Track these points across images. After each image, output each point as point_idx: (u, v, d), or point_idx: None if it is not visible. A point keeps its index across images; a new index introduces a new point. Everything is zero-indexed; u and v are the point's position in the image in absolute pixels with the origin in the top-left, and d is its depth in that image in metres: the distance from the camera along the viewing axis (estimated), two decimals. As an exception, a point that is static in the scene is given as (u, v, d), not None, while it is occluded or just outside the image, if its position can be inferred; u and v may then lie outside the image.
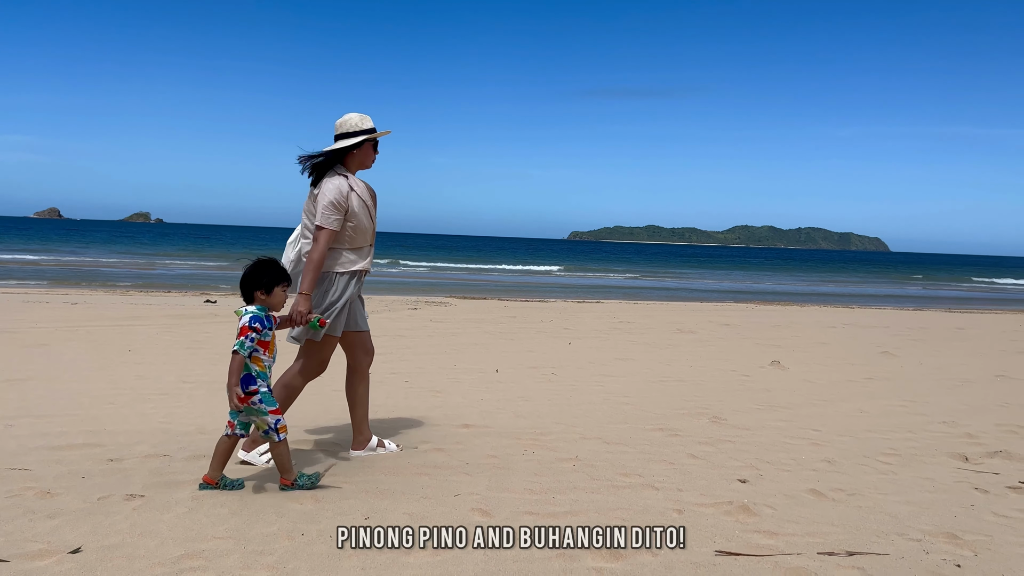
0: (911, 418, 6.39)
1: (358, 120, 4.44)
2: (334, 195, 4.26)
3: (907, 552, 3.37)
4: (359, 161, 4.50)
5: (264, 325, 3.90)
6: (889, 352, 10.77)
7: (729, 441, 5.35)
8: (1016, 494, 4.36)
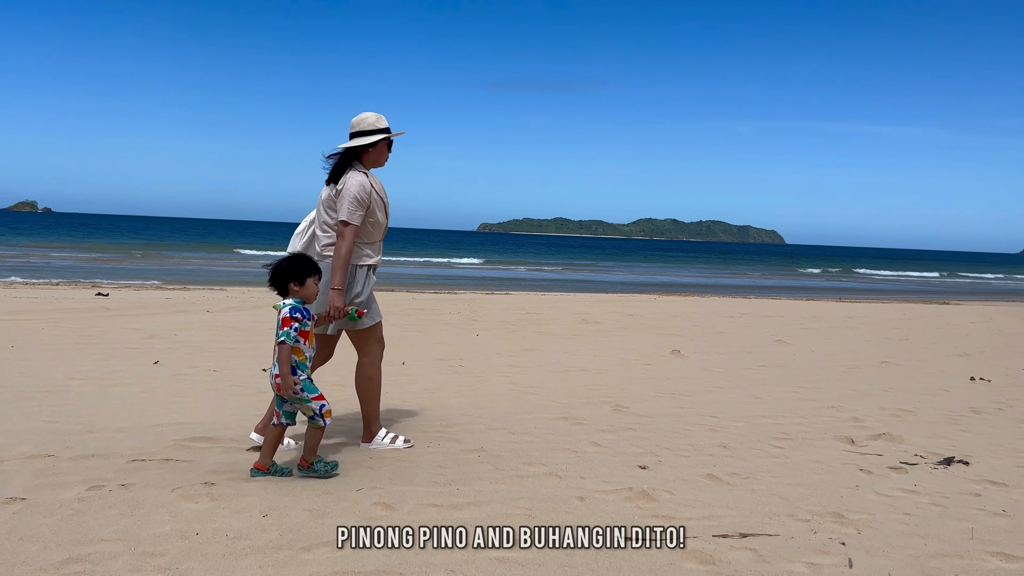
0: (802, 403, 6.67)
1: (374, 119, 4.57)
2: (358, 191, 4.39)
3: (796, 532, 3.52)
4: (373, 159, 4.63)
5: (304, 315, 4.01)
6: (783, 340, 11.22)
7: (631, 429, 5.46)
8: (897, 474, 4.60)
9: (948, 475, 4.61)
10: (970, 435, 5.70)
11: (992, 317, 17.58)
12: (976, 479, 4.53)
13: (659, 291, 25.09)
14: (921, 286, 39.70)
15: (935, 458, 4.97)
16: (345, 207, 4.37)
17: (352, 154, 4.57)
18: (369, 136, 4.55)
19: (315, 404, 4.02)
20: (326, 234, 4.53)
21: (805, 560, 3.18)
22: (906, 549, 3.36)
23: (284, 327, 3.91)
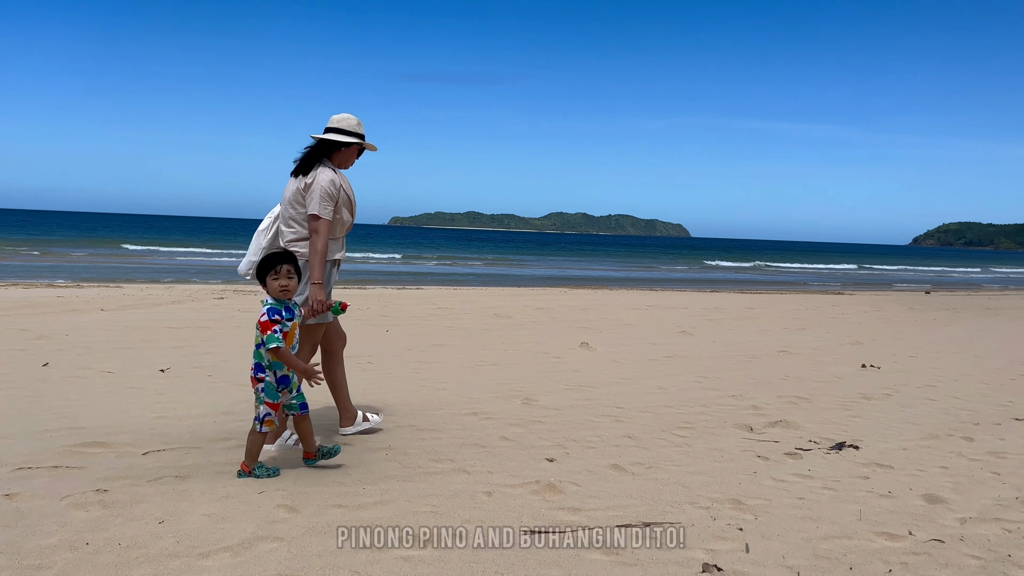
0: (704, 393, 6.87)
1: (356, 123, 4.71)
2: (327, 186, 4.48)
3: (697, 519, 3.62)
4: (341, 160, 4.72)
5: (284, 316, 3.99)
6: (687, 331, 11.51)
7: (539, 422, 5.51)
8: (792, 460, 4.79)
9: (839, 459, 4.82)
10: (860, 420, 5.98)
11: (882, 307, 18.49)
12: (865, 462, 4.75)
13: (570, 284, 25.39)
14: (818, 277, 41.40)
15: (828, 443, 5.19)
16: (316, 201, 4.44)
17: (325, 149, 4.64)
18: (346, 136, 4.64)
19: (263, 409, 4.02)
20: (291, 229, 4.58)
21: (704, 546, 3.28)
22: (800, 532, 3.50)
23: (266, 331, 3.90)
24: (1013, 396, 7.20)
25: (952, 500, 4.04)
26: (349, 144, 4.65)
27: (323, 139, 4.61)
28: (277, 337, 3.90)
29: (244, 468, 4.04)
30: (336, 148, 4.66)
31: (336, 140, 4.62)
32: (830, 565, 3.11)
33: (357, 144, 4.70)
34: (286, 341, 3.97)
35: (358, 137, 4.68)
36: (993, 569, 3.13)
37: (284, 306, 4.03)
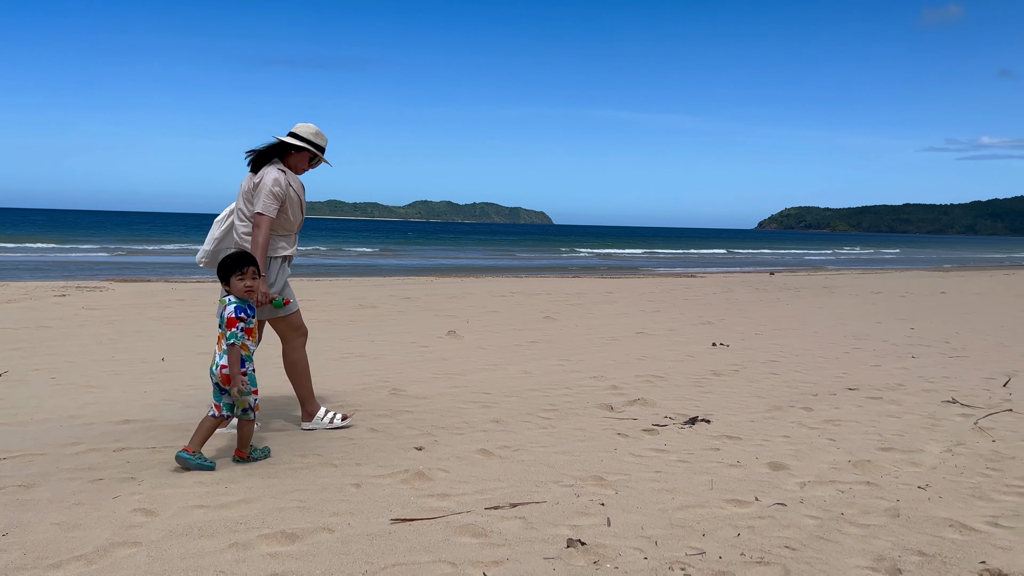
0: (568, 375, 7.08)
1: (315, 133, 4.90)
2: (273, 185, 4.63)
3: (561, 498, 3.75)
4: (293, 164, 4.87)
5: (248, 314, 4.17)
6: (551, 317, 11.79)
7: (408, 411, 5.52)
8: (650, 436, 5.03)
9: (693, 433, 5.10)
10: (712, 396, 6.33)
11: (731, 288, 19.54)
12: (716, 435, 5.05)
13: (436, 273, 25.38)
14: (673, 261, 43.23)
15: (682, 419, 5.48)
16: (261, 200, 4.62)
17: (278, 150, 4.82)
18: (300, 141, 4.83)
19: (251, 398, 4.18)
20: (243, 223, 4.76)
21: (569, 523, 3.40)
22: (657, 504, 3.69)
23: (230, 328, 4.07)
24: (847, 368, 7.81)
25: (793, 466, 4.37)
26: (300, 149, 4.83)
27: (279, 141, 4.82)
28: (238, 335, 4.08)
29: (240, 455, 4.24)
30: (289, 151, 4.84)
31: (288, 142, 4.81)
32: (685, 533, 3.31)
33: (308, 151, 4.86)
34: (250, 338, 4.19)
35: (313, 146, 4.87)
36: (828, 527, 3.41)
37: (247, 304, 4.20)
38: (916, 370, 7.69)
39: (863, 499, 3.81)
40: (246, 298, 4.20)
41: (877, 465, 4.38)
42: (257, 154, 4.79)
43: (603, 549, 3.09)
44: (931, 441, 4.97)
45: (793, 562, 3.00)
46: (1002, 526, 3.45)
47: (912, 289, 20.11)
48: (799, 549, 3.14)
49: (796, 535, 3.29)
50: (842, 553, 3.11)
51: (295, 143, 4.81)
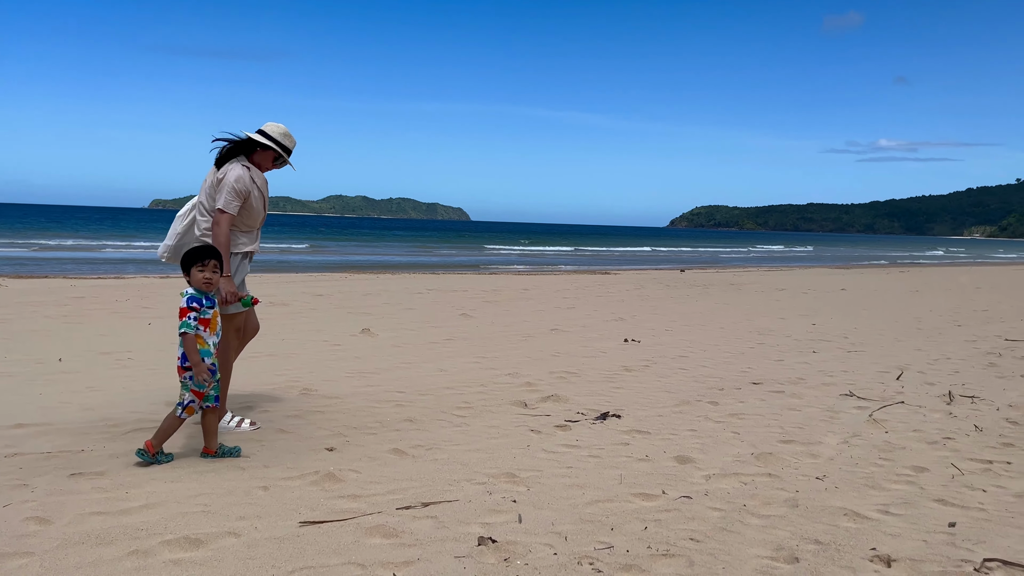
0: (483, 372, 7.09)
1: (284, 133, 4.91)
2: (236, 182, 4.65)
3: (474, 496, 3.76)
4: (258, 161, 4.89)
5: (202, 304, 4.16)
6: (467, 314, 11.79)
7: (319, 412, 5.44)
8: (562, 432, 5.09)
9: (604, 428, 5.19)
10: (623, 391, 6.45)
11: (643, 285, 19.94)
12: (626, 430, 5.15)
13: (350, 269, 25.03)
14: (588, 259, 43.81)
15: (593, 414, 5.57)
16: (223, 196, 4.63)
17: (244, 147, 4.84)
18: (267, 140, 4.85)
19: (188, 396, 4.15)
20: (204, 218, 4.79)
21: (481, 521, 3.41)
22: (567, 499, 3.74)
23: (183, 317, 4.10)
24: (752, 363, 8.08)
25: (699, 459, 4.49)
26: (266, 147, 4.85)
27: (251, 141, 4.84)
28: (190, 324, 4.10)
29: (149, 446, 4.12)
30: (255, 148, 4.86)
31: (255, 140, 4.83)
32: (594, 528, 3.36)
33: (273, 151, 4.88)
34: (209, 328, 4.19)
35: (280, 147, 4.89)
36: (731, 518, 3.52)
37: (205, 295, 4.22)
38: (816, 364, 8.01)
39: (764, 490, 3.95)
40: (204, 290, 4.22)
41: (778, 457, 4.55)
42: (223, 150, 4.80)
43: (514, 546, 3.11)
44: (829, 433, 5.19)
45: (697, 554, 3.09)
46: (892, 513, 3.63)
47: (814, 286, 20.92)
48: (703, 541, 3.23)
49: (700, 527, 3.39)
50: (743, 544, 3.22)
51: (263, 141, 4.83)
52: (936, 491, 3.98)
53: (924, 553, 3.13)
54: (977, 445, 4.92)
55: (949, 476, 4.26)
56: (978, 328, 11.54)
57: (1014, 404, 6.13)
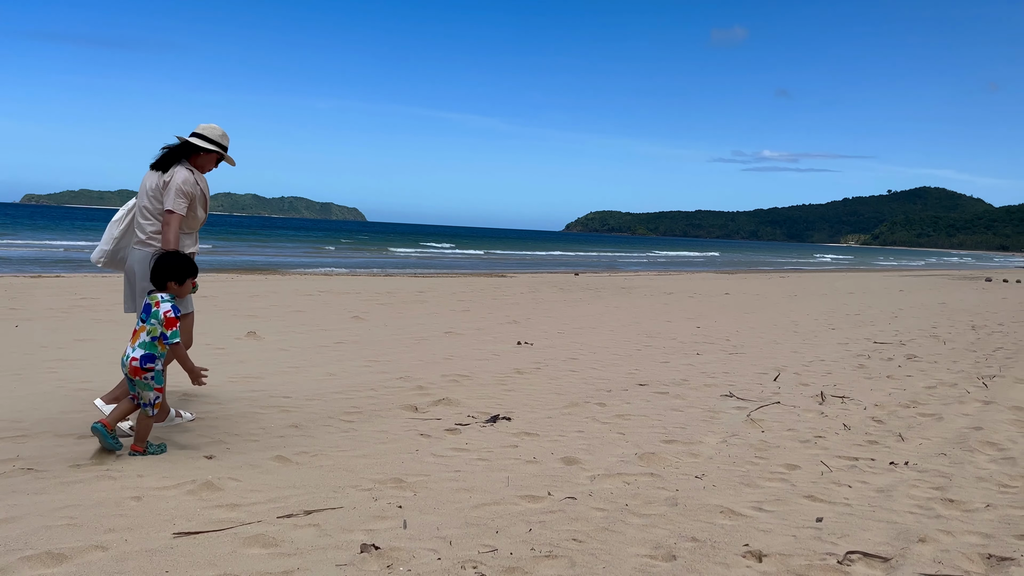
0: (373, 376, 7.00)
1: (221, 135, 5.05)
2: (184, 184, 4.81)
3: (359, 502, 3.70)
4: (200, 164, 5.03)
5: (178, 313, 4.36)
6: (359, 316, 11.62)
7: (198, 418, 5.24)
8: (452, 435, 5.08)
9: (494, 431, 5.20)
10: (514, 393, 6.49)
11: (537, 288, 20.16)
12: (516, 432, 5.19)
13: (238, 270, 24.26)
14: (485, 262, 43.96)
15: (484, 417, 5.58)
16: (172, 198, 4.77)
17: (186, 150, 4.97)
18: (208, 143, 4.98)
19: (153, 394, 4.32)
20: (148, 221, 4.90)
21: (365, 528, 3.36)
22: (454, 503, 3.73)
23: (170, 328, 4.28)
24: (639, 365, 8.28)
25: (585, 460, 4.57)
26: (209, 151, 4.99)
27: (186, 141, 4.95)
28: (178, 334, 4.32)
29: (136, 448, 4.30)
30: (196, 152, 4.98)
31: (198, 144, 4.95)
32: (479, 531, 3.37)
33: (217, 153, 5.04)
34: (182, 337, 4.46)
35: (220, 147, 5.04)
36: (613, 518, 3.60)
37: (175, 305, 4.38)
38: (700, 366, 8.28)
39: (646, 490, 4.05)
40: (182, 298, 4.52)
41: (661, 457, 4.68)
42: (166, 154, 4.95)
43: (397, 552, 3.08)
44: (709, 433, 5.37)
45: (579, 554, 3.14)
46: (765, 510, 3.79)
47: (700, 290, 21.65)
48: (585, 541, 3.28)
49: (584, 527, 3.45)
50: (624, 543, 3.29)
51: (205, 145, 4.97)
52: (806, 488, 4.18)
53: (793, 548, 3.28)
54: (845, 443, 5.20)
55: (819, 473, 4.48)
56: (850, 331, 12.20)
57: (879, 404, 6.51)
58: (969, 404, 6.54)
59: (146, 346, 4.27)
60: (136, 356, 4.26)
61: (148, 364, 4.27)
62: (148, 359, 4.27)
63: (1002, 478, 4.45)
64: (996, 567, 3.15)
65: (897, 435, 5.42)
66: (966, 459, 4.83)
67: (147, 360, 4.27)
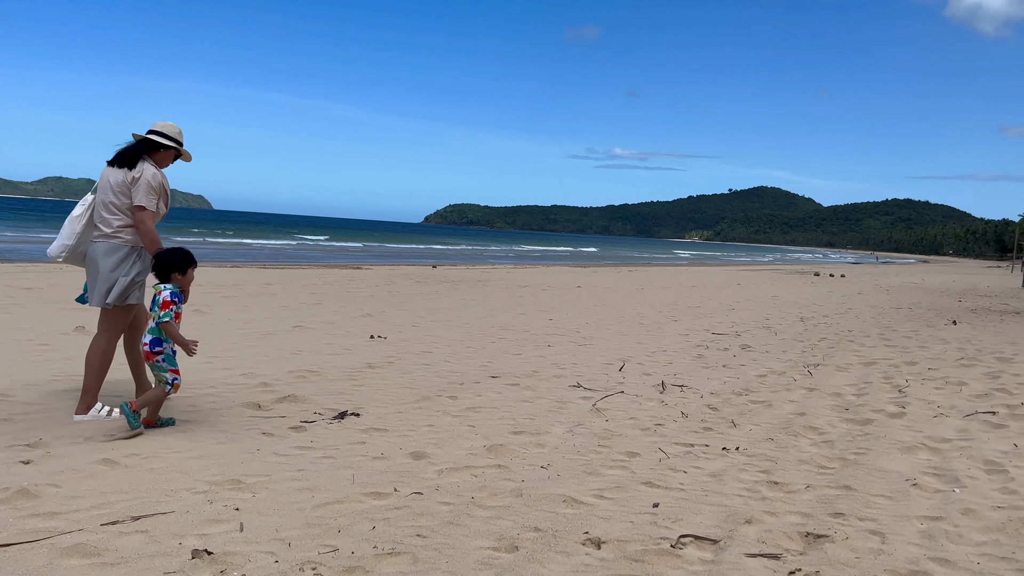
0: (215, 373, 6.70)
1: (178, 132, 5.25)
2: (152, 180, 5.00)
3: (192, 506, 3.52)
4: (159, 160, 5.18)
5: (179, 300, 4.83)
6: (200, 310, 11.09)
7: (11, 420, 4.85)
8: (297, 433, 4.93)
9: (341, 428, 5.10)
10: (365, 388, 6.39)
11: (393, 280, 19.96)
12: (364, 428, 5.10)
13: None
14: (339, 253, 43.08)
15: (332, 413, 5.46)
16: (143, 194, 4.96)
17: (147, 147, 5.13)
18: (168, 140, 5.16)
19: (169, 375, 4.79)
20: (115, 216, 5.01)
21: (198, 532, 3.20)
22: (296, 504, 3.62)
23: (165, 308, 4.71)
24: (492, 357, 8.36)
25: (434, 454, 4.55)
26: (168, 147, 5.17)
27: (147, 139, 5.11)
28: (170, 314, 4.72)
29: (149, 422, 4.80)
30: (156, 148, 5.15)
31: (159, 142, 5.13)
32: (320, 531, 3.28)
33: (175, 149, 5.22)
34: (177, 320, 4.80)
35: (177, 144, 5.21)
36: (459, 511, 3.60)
37: (178, 294, 4.84)
38: (551, 358, 8.46)
39: (493, 482, 4.08)
40: (184, 287, 4.93)
41: (508, 448, 4.74)
42: (130, 151, 5.06)
43: (232, 557, 2.95)
44: (557, 423, 5.49)
45: (422, 550, 3.12)
46: (606, 498, 3.90)
47: (554, 283, 22.13)
48: (429, 536, 3.27)
49: (429, 522, 3.43)
50: (469, 536, 3.30)
51: (165, 143, 5.14)
52: (645, 474, 4.34)
53: (630, 534, 3.40)
54: (682, 430, 5.44)
55: (657, 460, 4.66)
56: (691, 323, 12.82)
57: (715, 392, 6.87)
58: (795, 391, 7.01)
59: (153, 332, 4.76)
60: (146, 342, 4.76)
61: (156, 348, 4.74)
62: (156, 343, 4.74)
63: (821, 460, 4.79)
64: (813, 544, 3.38)
65: (730, 422, 5.73)
66: (790, 443, 5.17)
67: (155, 344, 4.74)
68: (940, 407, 6.35)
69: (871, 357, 9.21)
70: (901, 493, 4.13)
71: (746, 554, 3.22)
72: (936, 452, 5.00)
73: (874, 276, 40.58)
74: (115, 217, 4.99)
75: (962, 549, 3.36)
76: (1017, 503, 3.97)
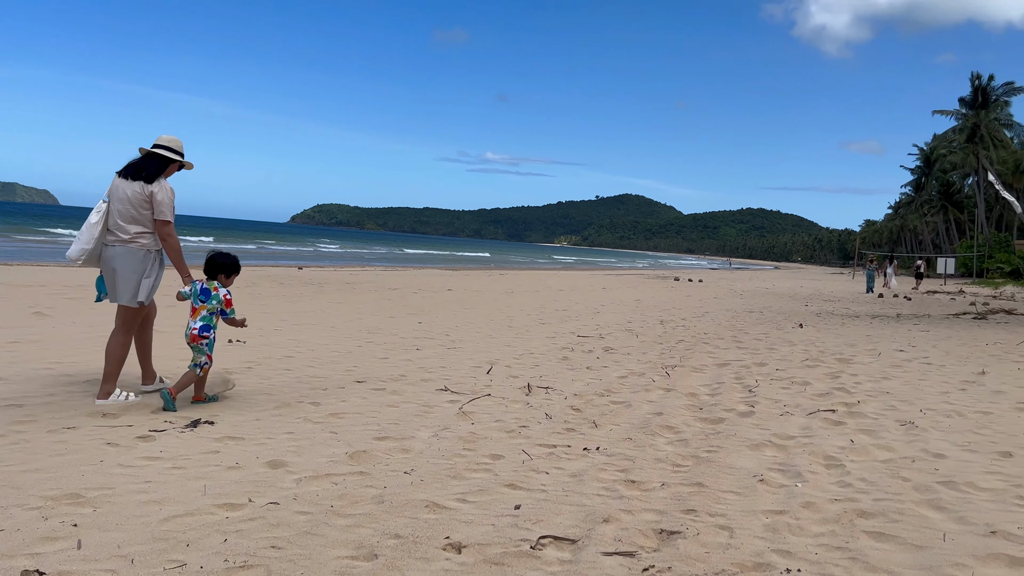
0: (55, 379, 6.28)
1: (180, 144, 5.86)
2: (170, 195, 5.69)
3: (24, 523, 3.26)
4: (168, 172, 5.78)
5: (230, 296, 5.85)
6: (42, 312, 10.35)
7: None
8: (145, 443, 4.67)
9: (194, 437, 4.86)
10: (223, 400, 6.12)
11: (255, 282, 19.30)
12: (219, 437, 4.89)
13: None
14: (196, 253, 41.33)
15: (183, 421, 5.20)
16: (167, 211, 5.63)
17: (166, 163, 5.74)
18: (178, 156, 5.83)
19: (204, 359, 5.63)
20: (132, 225, 5.61)
21: (28, 552, 2.97)
22: (141, 518, 3.42)
23: (229, 306, 5.79)
24: (358, 361, 8.21)
25: (293, 463, 4.41)
26: (176, 161, 5.82)
27: (162, 156, 5.72)
28: (234, 310, 5.83)
29: (198, 398, 5.74)
30: (168, 162, 5.76)
31: (171, 157, 5.76)
32: (168, 546, 3.11)
33: (179, 162, 5.88)
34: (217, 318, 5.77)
35: (181, 156, 5.87)
36: (317, 521, 3.50)
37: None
38: (419, 361, 8.39)
39: (354, 489, 4.00)
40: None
41: (372, 455, 4.66)
42: (150, 167, 5.66)
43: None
44: (422, 428, 5.44)
45: (277, 562, 3.01)
46: (468, 501, 3.90)
47: (424, 286, 22.03)
48: (285, 548, 3.16)
49: (284, 533, 3.32)
50: (326, 545, 3.21)
51: (175, 158, 5.78)
52: (508, 476, 4.37)
53: (491, 537, 3.41)
54: (546, 431, 5.52)
55: (520, 462, 4.71)
56: (557, 326, 13.05)
57: (579, 393, 7.01)
58: (654, 392, 7.25)
59: (206, 319, 5.65)
60: (196, 327, 5.62)
61: (205, 333, 5.63)
62: (205, 328, 5.65)
63: (676, 459, 4.97)
64: (666, 540, 3.50)
65: (592, 422, 5.86)
66: (648, 442, 5.34)
67: (204, 329, 5.64)
68: (786, 406, 6.73)
69: (725, 358, 9.66)
70: (749, 489, 4.33)
71: (603, 553, 3.29)
72: (781, 449, 5.28)
73: (729, 281, 42.70)
74: (132, 225, 5.62)
75: (802, 541, 3.56)
76: (852, 495, 4.25)
